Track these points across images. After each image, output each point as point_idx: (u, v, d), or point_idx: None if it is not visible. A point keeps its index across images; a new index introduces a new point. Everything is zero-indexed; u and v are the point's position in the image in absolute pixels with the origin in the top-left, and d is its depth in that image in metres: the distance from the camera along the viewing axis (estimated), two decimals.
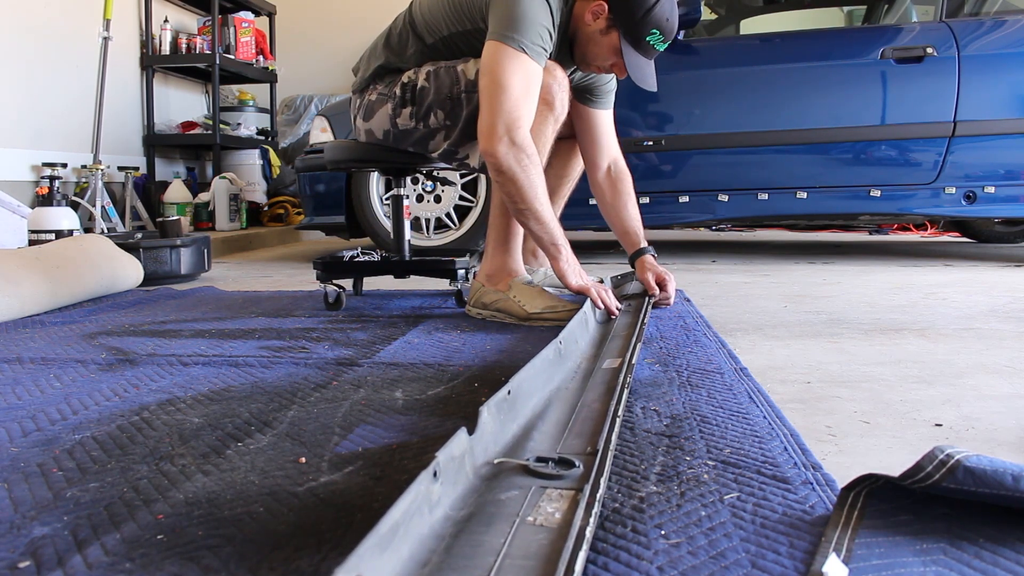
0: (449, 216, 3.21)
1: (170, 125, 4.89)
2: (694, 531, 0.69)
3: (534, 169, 1.65)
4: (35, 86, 3.94)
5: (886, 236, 4.89)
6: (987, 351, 1.48)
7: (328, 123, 3.26)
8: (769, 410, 1.05)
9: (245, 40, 5.17)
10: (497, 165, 1.63)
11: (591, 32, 1.77)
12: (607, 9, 1.73)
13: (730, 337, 1.63)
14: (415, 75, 1.84)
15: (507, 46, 1.62)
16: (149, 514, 0.74)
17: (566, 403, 1.03)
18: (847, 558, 0.62)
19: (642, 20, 1.72)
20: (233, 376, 1.30)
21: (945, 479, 0.66)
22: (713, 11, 3.93)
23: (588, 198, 3.13)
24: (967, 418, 1.06)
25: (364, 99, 1.94)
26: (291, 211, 5.15)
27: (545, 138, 1.76)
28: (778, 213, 3.24)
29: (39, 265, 2.06)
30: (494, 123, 1.62)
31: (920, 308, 2.00)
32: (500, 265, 1.86)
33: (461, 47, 1.81)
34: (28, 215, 3.05)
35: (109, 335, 1.69)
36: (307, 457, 0.89)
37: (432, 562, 0.58)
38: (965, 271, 2.87)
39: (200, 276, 2.85)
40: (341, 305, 2.01)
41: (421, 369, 1.34)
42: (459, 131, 1.82)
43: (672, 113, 3.25)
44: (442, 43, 1.83)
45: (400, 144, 1.90)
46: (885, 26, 3.49)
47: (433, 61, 1.84)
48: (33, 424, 1.04)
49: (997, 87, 3.08)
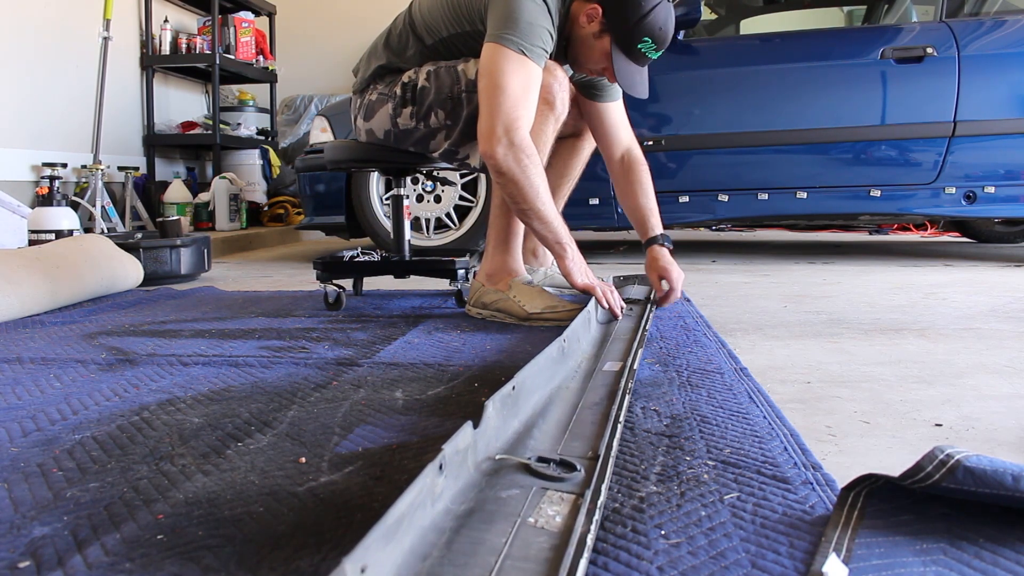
0: (449, 216, 3.21)
1: (170, 125, 4.89)
2: (694, 531, 0.69)
3: (534, 169, 1.65)
4: (35, 86, 3.94)
5: (886, 236, 4.89)
6: (987, 351, 1.48)
7: (328, 123, 3.26)
8: (769, 410, 1.05)
9: (245, 40, 5.17)
10: (497, 166, 1.63)
11: (584, 35, 1.76)
12: (601, 13, 1.72)
13: (730, 337, 1.63)
14: (415, 75, 1.84)
15: (506, 47, 1.62)
16: (149, 514, 0.74)
17: (567, 403, 1.03)
18: (847, 558, 0.62)
19: (635, 27, 1.70)
20: (233, 376, 1.30)
21: (945, 479, 0.66)
22: (713, 11, 3.93)
23: (588, 198, 3.15)
24: (967, 418, 1.06)
25: (364, 99, 1.93)
26: (291, 211, 5.15)
27: (546, 137, 1.76)
28: (778, 213, 3.24)
29: (39, 265, 2.06)
30: (493, 124, 1.61)
31: (920, 308, 2.00)
32: (500, 265, 1.86)
33: (460, 48, 1.82)
34: (28, 215, 3.05)
35: (109, 335, 1.69)
36: (307, 457, 0.89)
37: (432, 556, 0.58)
38: (965, 271, 2.87)
39: (200, 276, 2.85)
40: (341, 305, 2.01)
41: (421, 369, 1.34)
42: (459, 131, 1.82)
43: (672, 113, 3.25)
44: (441, 44, 1.83)
45: (401, 144, 1.90)
46: (885, 26, 3.49)
47: (433, 61, 1.84)
48: (33, 424, 1.04)
49: (997, 87, 3.08)
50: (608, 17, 1.72)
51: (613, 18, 1.71)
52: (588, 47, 1.78)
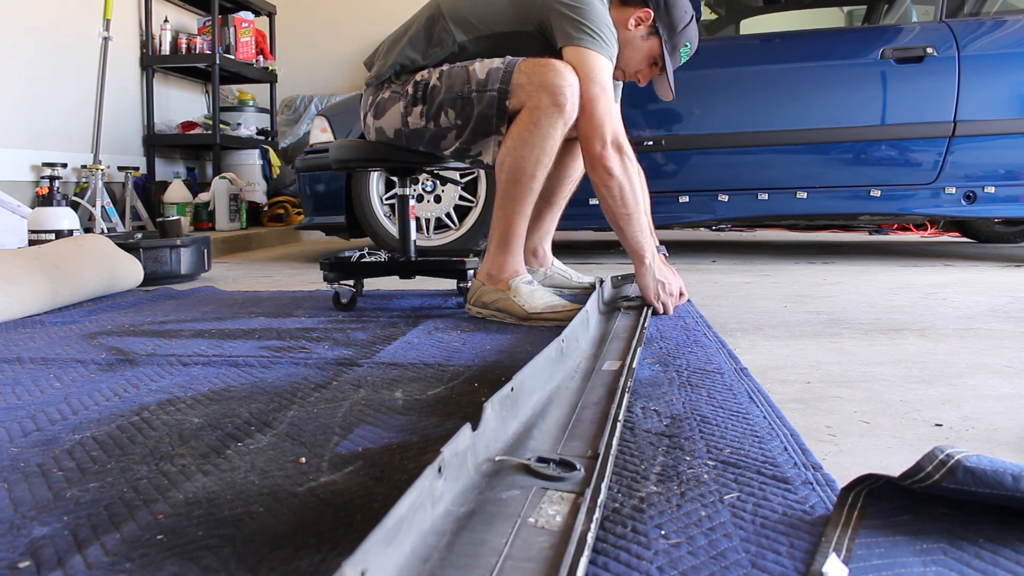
0: (449, 216, 3.21)
1: (170, 125, 4.89)
2: (694, 531, 0.69)
3: (636, 174, 1.78)
4: (35, 86, 3.94)
5: (886, 236, 4.89)
6: (987, 351, 1.48)
7: (328, 123, 3.26)
8: (769, 410, 1.05)
9: (245, 40, 5.17)
10: (610, 171, 1.73)
11: (630, 37, 1.89)
12: (652, 18, 1.87)
13: (730, 337, 1.63)
14: (428, 74, 1.84)
15: (600, 53, 1.74)
16: (149, 514, 0.74)
17: (566, 403, 1.03)
18: (847, 558, 0.62)
19: (681, 32, 1.89)
20: (233, 376, 1.30)
21: (945, 479, 0.66)
22: (713, 11, 3.93)
23: (588, 198, 3.14)
24: (967, 418, 1.06)
25: (378, 96, 1.92)
26: (291, 211, 5.15)
27: (554, 141, 1.75)
28: (778, 213, 3.24)
29: (39, 265, 2.06)
30: (603, 130, 1.73)
31: (920, 308, 2.00)
32: (501, 265, 1.86)
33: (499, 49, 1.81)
34: (28, 215, 3.05)
35: (109, 335, 1.69)
36: (307, 457, 0.89)
37: (433, 558, 0.58)
38: (965, 271, 2.87)
39: (200, 276, 2.85)
40: (355, 304, 2.01)
41: (421, 369, 1.34)
42: (471, 129, 1.82)
43: (672, 113, 3.25)
44: (482, 42, 1.83)
45: (412, 144, 1.90)
46: (885, 26, 3.49)
47: (449, 62, 1.84)
48: (33, 424, 1.04)
49: (997, 87, 3.08)
50: (659, 21, 1.88)
51: (664, 22, 1.88)
52: (634, 48, 1.92)
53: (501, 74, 1.75)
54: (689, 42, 1.93)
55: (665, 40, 1.89)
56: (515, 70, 1.75)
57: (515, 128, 1.75)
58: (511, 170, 1.76)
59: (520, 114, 1.75)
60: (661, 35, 1.89)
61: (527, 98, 1.73)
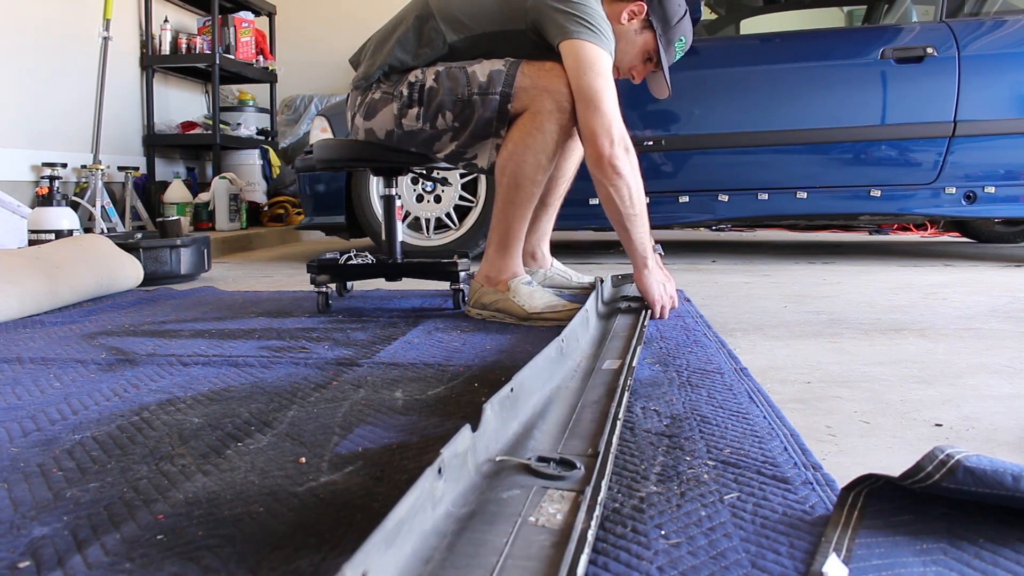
0: (449, 216, 3.21)
1: (170, 125, 4.89)
2: (694, 531, 0.69)
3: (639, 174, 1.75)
4: (35, 86, 3.94)
5: (886, 236, 4.89)
6: (987, 351, 1.48)
7: (328, 123, 3.26)
8: (769, 410, 1.05)
9: (245, 40, 5.17)
10: (617, 169, 1.69)
11: (623, 31, 1.85)
12: (646, 11, 1.84)
13: (730, 337, 1.63)
14: (423, 75, 1.80)
15: (599, 46, 1.69)
16: (149, 514, 0.74)
17: (566, 402, 1.03)
18: (847, 558, 0.62)
19: (676, 26, 1.86)
20: (233, 376, 1.30)
21: (945, 479, 0.66)
22: (713, 11, 3.93)
23: (588, 198, 3.14)
24: (967, 418, 1.06)
25: (367, 97, 1.88)
26: (291, 211, 5.16)
27: (557, 146, 1.75)
28: (778, 213, 3.24)
29: (39, 265, 2.06)
30: (610, 128, 1.68)
31: (920, 308, 2.00)
32: (500, 266, 1.85)
33: (489, 48, 1.79)
34: (28, 215, 3.05)
35: (109, 335, 1.69)
36: (307, 457, 0.89)
37: (435, 559, 0.58)
38: (965, 271, 2.87)
39: (200, 276, 2.85)
40: (328, 308, 1.98)
41: (421, 369, 1.34)
42: (469, 132, 1.79)
43: (672, 113, 3.25)
44: (470, 42, 1.80)
45: (404, 145, 1.87)
46: (885, 26, 3.49)
47: (443, 62, 1.81)
48: (33, 424, 1.04)
49: (997, 87, 3.08)
50: (653, 15, 1.84)
51: (658, 15, 1.84)
52: (628, 43, 1.88)
53: (504, 77, 1.72)
54: (684, 36, 1.89)
55: (660, 34, 1.85)
56: (518, 73, 1.72)
57: (517, 132, 1.73)
58: (513, 174, 1.74)
59: (522, 118, 1.73)
60: (655, 29, 1.85)
61: (530, 102, 1.71)
